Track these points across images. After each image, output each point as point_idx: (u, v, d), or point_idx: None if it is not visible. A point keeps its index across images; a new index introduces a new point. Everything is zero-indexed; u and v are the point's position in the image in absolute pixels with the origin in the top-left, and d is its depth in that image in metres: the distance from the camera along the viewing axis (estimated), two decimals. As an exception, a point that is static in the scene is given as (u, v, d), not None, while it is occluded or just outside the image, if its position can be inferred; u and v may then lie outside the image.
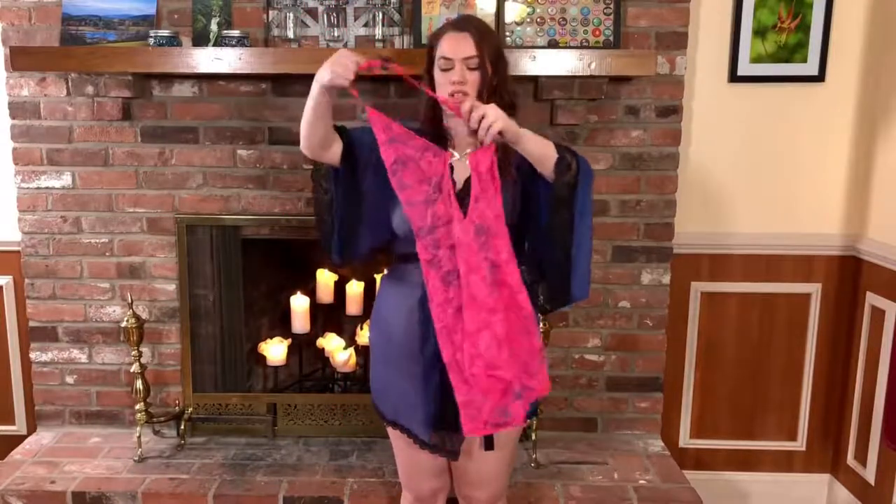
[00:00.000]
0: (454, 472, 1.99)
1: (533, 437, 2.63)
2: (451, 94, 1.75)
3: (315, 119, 1.76)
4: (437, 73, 1.79)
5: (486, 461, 1.89)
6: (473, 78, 1.76)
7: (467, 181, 1.77)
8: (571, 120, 2.58)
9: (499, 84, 1.79)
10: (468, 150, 1.80)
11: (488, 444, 1.84)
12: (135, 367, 2.63)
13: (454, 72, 1.76)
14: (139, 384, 2.63)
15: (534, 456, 2.63)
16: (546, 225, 1.76)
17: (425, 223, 1.74)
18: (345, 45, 2.55)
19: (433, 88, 1.80)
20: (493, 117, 1.63)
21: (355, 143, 1.82)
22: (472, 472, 1.93)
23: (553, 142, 1.74)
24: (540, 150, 1.72)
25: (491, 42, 1.79)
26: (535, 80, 2.49)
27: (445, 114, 1.83)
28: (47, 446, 2.74)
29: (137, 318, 2.60)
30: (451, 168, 1.80)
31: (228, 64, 2.37)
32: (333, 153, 1.82)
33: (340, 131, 1.83)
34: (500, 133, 1.64)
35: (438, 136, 1.84)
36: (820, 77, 2.70)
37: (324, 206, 1.87)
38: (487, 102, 1.74)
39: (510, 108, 1.78)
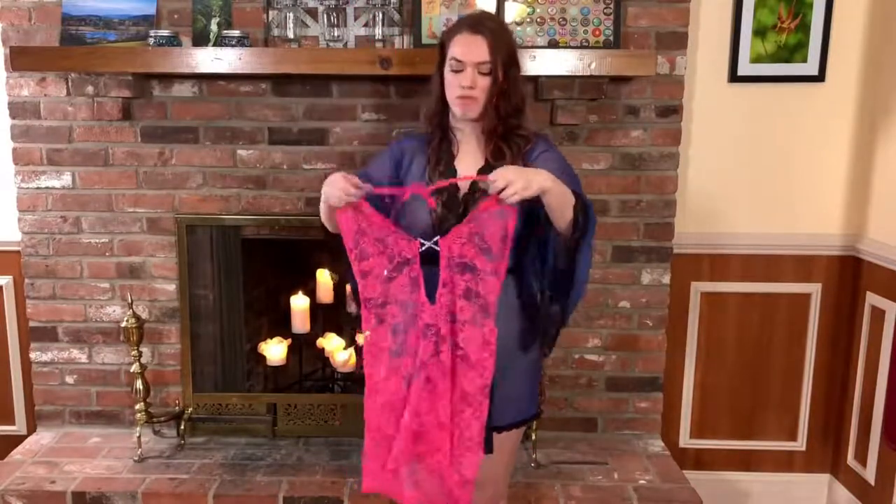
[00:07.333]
0: None
1: (533, 437, 2.63)
2: (460, 98, 1.75)
3: (329, 218, 1.80)
4: (447, 73, 1.78)
5: (483, 463, 1.87)
6: (484, 83, 1.74)
7: (473, 184, 1.77)
8: (571, 120, 2.58)
9: (509, 87, 1.76)
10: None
11: (487, 446, 1.83)
12: (135, 367, 2.63)
13: (465, 76, 1.74)
14: (139, 384, 2.63)
15: (534, 456, 2.63)
16: (551, 265, 1.76)
17: (375, 296, 1.75)
18: (345, 45, 2.55)
19: (442, 85, 1.80)
20: (517, 187, 1.56)
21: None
22: None
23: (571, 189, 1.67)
24: (559, 203, 1.64)
25: (505, 47, 1.76)
26: (535, 79, 2.49)
27: (452, 116, 1.83)
28: (47, 446, 2.74)
29: (137, 318, 2.60)
30: (455, 171, 1.80)
31: (228, 64, 2.37)
32: None
33: None
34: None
35: (444, 136, 1.84)
36: (820, 77, 2.69)
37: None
38: (496, 105, 1.74)
39: (517, 112, 1.78)
